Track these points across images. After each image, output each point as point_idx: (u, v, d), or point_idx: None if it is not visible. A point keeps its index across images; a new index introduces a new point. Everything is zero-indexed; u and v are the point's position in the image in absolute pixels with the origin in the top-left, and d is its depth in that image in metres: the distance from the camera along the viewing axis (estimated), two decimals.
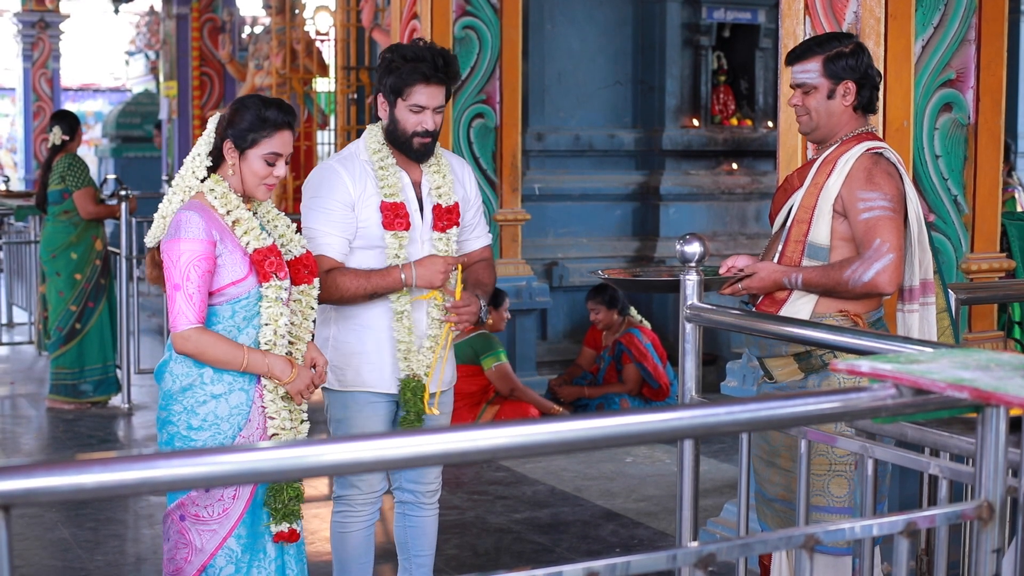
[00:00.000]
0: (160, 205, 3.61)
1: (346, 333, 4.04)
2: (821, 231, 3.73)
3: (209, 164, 3.58)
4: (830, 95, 3.76)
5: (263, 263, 3.52)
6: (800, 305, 3.73)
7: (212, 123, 3.61)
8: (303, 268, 3.66)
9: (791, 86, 3.85)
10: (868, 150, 3.71)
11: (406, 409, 4.01)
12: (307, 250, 3.71)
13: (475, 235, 4.24)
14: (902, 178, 3.72)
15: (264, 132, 3.53)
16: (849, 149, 3.74)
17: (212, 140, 3.58)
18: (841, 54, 3.75)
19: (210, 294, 3.50)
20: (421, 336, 4.04)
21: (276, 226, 3.69)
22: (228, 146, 3.55)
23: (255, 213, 3.65)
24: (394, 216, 3.97)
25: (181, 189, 3.58)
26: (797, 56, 3.82)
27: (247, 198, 3.61)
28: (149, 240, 3.64)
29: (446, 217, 4.07)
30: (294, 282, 3.64)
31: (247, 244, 3.52)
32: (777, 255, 3.82)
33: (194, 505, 3.50)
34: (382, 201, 3.96)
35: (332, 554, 4.19)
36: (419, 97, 3.94)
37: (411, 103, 3.94)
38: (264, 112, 3.54)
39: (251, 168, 3.55)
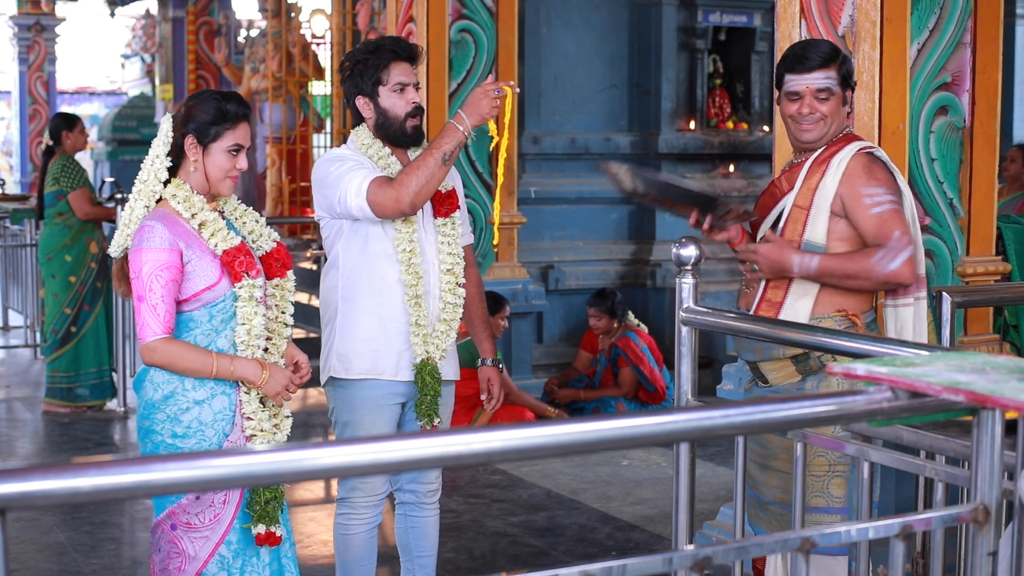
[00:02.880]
0: (123, 214, 3.53)
1: (356, 321, 4.03)
2: (818, 230, 3.73)
3: (169, 165, 3.51)
4: (844, 102, 3.78)
5: (233, 263, 3.46)
6: (799, 306, 3.72)
7: (166, 123, 3.53)
8: (275, 262, 3.61)
9: (807, 92, 3.75)
10: (860, 149, 3.74)
11: (423, 393, 4.00)
12: (278, 243, 3.66)
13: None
14: (896, 174, 3.76)
15: (226, 124, 3.49)
16: (840, 149, 3.75)
17: (170, 140, 3.50)
18: (846, 60, 3.80)
19: (185, 301, 3.44)
20: (435, 319, 4.06)
21: (244, 222, 3.63)
22: (190, 142, 3.49)
23: (222, 212, 3.60)
24: None
25: (144, 195, 3.51)
26: (818, 63, 3.76)
27: (211, 197, 3.56)
28: (113, 251, 3.56)
29: (447, 202, 4.11)
30: (267, 277, 3.59)
31: (215, 246, 3.47)
32: None
33: (185, 513, 3.45)
34: None
35: (335, 556, 4.19)
36: (397, 74, 4.00)
37: (392, 84, 4.00)
38: (224, 105, 3.50)
39: (215, 162, 3.50)
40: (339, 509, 4.15)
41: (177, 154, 3.52)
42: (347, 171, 3.94)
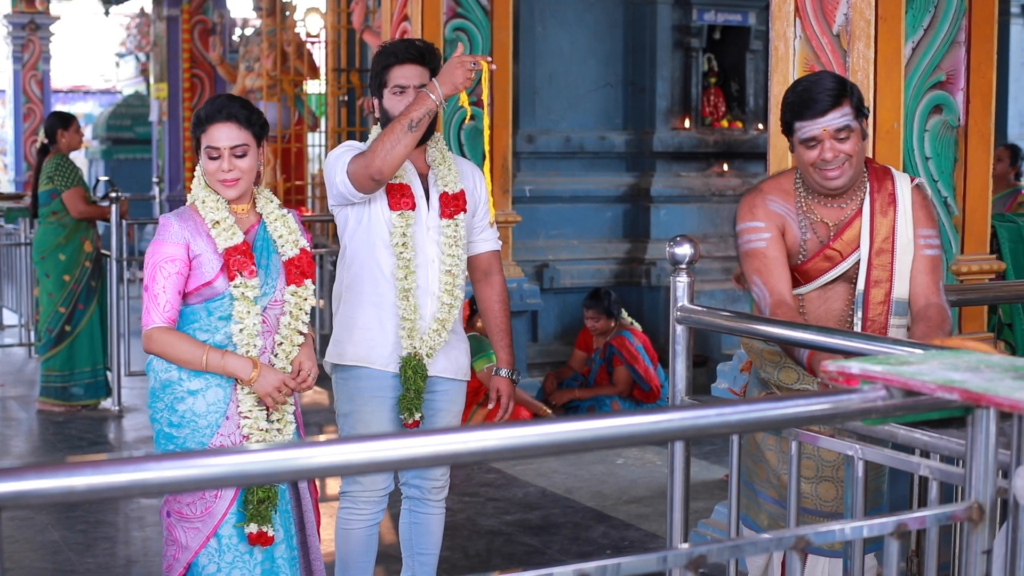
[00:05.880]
0: None
1: (355, 310, 4.10)
2: (903, 286, 3.60)
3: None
4: (864, 135, 3.55)
5: (229, 261, 3.54)
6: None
7: None
8: (295, 269, 3.66)
9: (826, 136, 3.49)
10: (912, 182, 3.64)
11: (406, 387, 4.04)
12: (303, 251, 3.70)
13: (483, 236, 4.28)
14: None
15: (200, 128, 3.57)
16: (893, 186, 3.61)
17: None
18: (854, 89, 3.55)
19: (189, 295, 3.53)
20: (429, 318, 4.08)
21: (275, 227, 3.69)
22: (196, 145, 3.63)
23: (259, 214, 3.69)
24: (400, 196, 4.06)
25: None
26: (830, 103, 3.47)
27: (240, 197, 3.62)
28: None
29: (452, 204, 4.14)
30: (287, 283, 3.65)
31: (219, 243, 3.54)
32: (859, 321, 3.61)
33: (176, 502, 3.53)
34: (387, 183, 4.04)
35: (335, 551, 4.21)
36: (397, 78, 4.06)
37: (392, 86, 4.07)
38: (202, 111, 3.58)
39: (204, 166, 3.59)
40: (341, 503, 4.19)
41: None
42: (342, 153, 4.04)
